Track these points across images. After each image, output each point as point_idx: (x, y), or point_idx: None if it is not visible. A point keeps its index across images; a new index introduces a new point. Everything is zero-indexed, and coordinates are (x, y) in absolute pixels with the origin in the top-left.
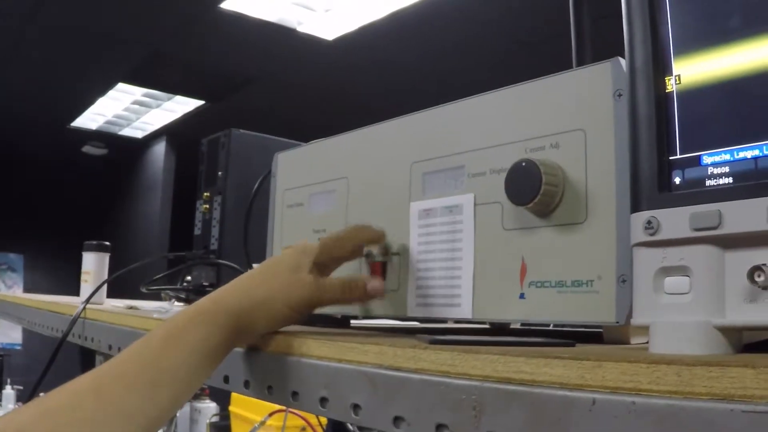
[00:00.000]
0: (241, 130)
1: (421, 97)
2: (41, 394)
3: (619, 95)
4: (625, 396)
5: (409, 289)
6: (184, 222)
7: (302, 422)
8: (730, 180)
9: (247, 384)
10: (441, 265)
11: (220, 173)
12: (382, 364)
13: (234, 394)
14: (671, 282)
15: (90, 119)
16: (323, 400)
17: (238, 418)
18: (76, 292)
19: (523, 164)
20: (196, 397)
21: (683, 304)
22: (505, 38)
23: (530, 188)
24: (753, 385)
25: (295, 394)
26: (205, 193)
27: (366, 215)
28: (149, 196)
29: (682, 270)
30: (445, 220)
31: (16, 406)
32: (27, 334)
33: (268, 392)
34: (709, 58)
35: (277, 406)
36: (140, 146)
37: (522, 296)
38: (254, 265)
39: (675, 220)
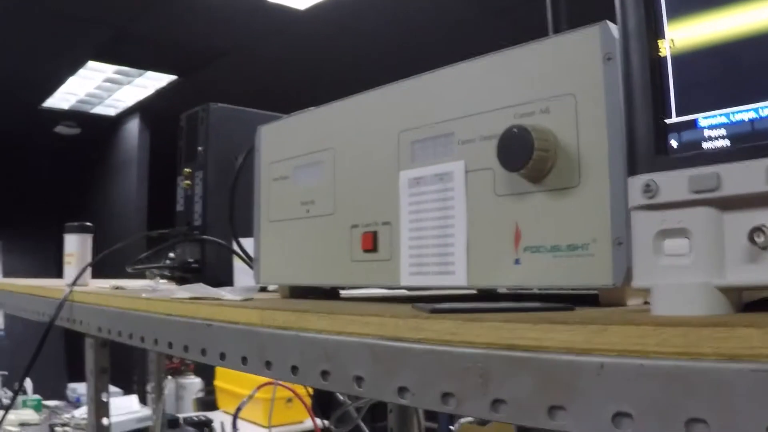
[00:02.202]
0: (219, 104)
1: (394, 65)
2: (27, 378)
3: (609, 59)
4: (632, 359)
5: (402, 258)
6: (162, 198)
7: (289, 393)
8: (728, 142)
9: (244, 360)
10: (433, 233)
11: (200, 148)
12: (384, 335)
13: (219, 369)
14: (671, 244)
15: (62, 99)
16: (325, 374)
17: (224, 392)
18: (54, 274)
19: (515, 130)
20: (181, 373)
21: (683, 266)
22: (479, 5)
23: (522, 154)
24: (759, 344)
25: (294, 368)
26: (186, 169)
27: (354, 186)
28: (125, 173)
29: (681, 232)
30: (436, 188)
31: (2, 392)
32: (9, 319)
33: (266, 368)
34: (702, 22)
35: (264, 379)
36: (114, 124)
37: (517, 262)
38: (240, 240)
39: (673, 183)
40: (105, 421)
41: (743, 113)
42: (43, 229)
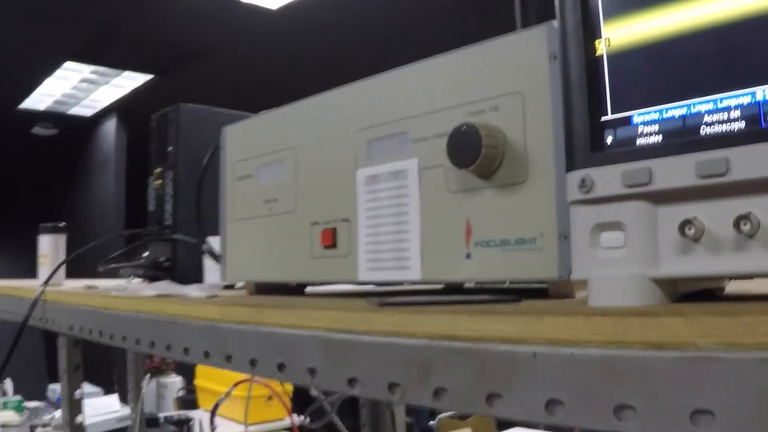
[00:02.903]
0: (190, 104)
1: (369, 61)
2: (7, 379)
3: (555, 58)
4: (564, 348)
5: (360, 253)
6: (139, 198)
7: (268, 391)
8: (660, 138)
9: (206, 354)
10: (389, 229)
11: (170, 148)
12: (335, 328)
13: (199, 368)
14: (606, 237)
15: (38, 100)
16: (281, 366)
17: (204, 391)
18: (33, 275)
19: (464, 128)
20: (162, 372)
21: (619, 258)
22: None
23: (471, 151)
24: (684, 333)
25: (253, 361)
26: (157, 169)
27: (314, 183)
28: (102, 174)
29: (616, 225)
30: (391, 185)
31: None
32: None
33: (227, 361)
34: (636, 21)
35: (242, 376)
36: (90, 124)
37: (468, 256)
38: (208, 239)
39: (608, 178)
40: (79, 418)
41: (675, 110)
42: (19, 230)
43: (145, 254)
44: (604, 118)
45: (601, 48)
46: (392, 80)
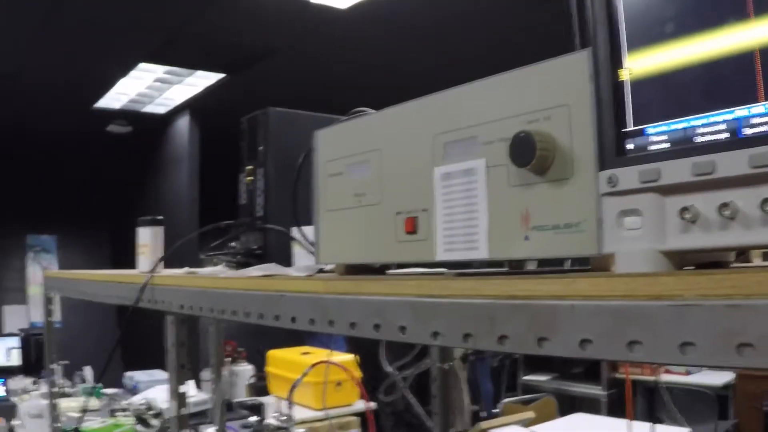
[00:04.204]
0: (277, 108)
1: (435, 60)
2: (87, 367)
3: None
4: (593, 301)
5: (437, 238)
6: (212, 192)
7: (340, 376)
8: (667, 145)
9: (312, 321)
10: (461, 217)
11: (260, 148)
12: (421, 294)
13: (270, 355)
14: (628, 221)
15: (114, 99)
16: (377, 326)
17: (275, 378)
18: (108, 267)
19: (522, 135)
20: (234, 360)
21: (637, 236)
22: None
23: (528, 153)
24: (675, 288)
25: (353, 324)
26: (248, 167)
27: (397, 179)
28: (176, 169)
29: (635, 212)
30: (463, 180)
31: (63, 381)
32: (66, 313)
33: (330, 325)
34: (652, 55)
35: (317, 359)
36: (164, 121)
37: (527, 238)
38: (302, 228)
39: (628, 176)
40: (182, 388)
41: (677, 124)
42: (96, 224)
43: (233, 244)
44: (625, 130)
45: (625, 75)
46: (464, 93)
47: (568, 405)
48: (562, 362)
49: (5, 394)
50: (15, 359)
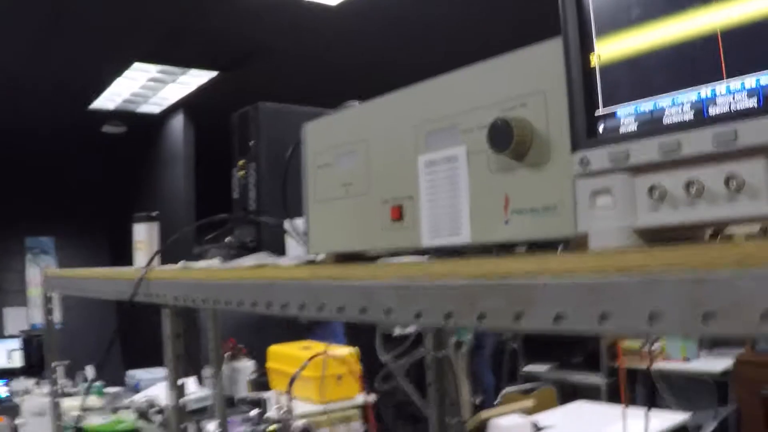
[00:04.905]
0: (268, 103)
1: (425, 54)
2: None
3: None
4: (566, 277)
5: (422, 224)
6: (208, 190)
7: (339, 371)
8: (635, 126)
9: (302, 307)
10: (445, 203)
11: (252, 142)
12: (404, 275)
13: (270, 351)
14: (600, 200)
15: (108, 100)
16: (363, 309)
17: (276, 373)
18: (107, 266)
19: (499, 122)
20: (234, 357)
21: (609, 215)
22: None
23: (506, 139)
24: (642, 262)
25: (341, 308)
26: (240, 161)
27: (384, 169)
28: (172, 168)
29: (607, 191)
30: (445, 167)
31: (65, 380)
32: (66, 315)
33: (319, 310)
34: (619, 40)
35: (314, 352)
36: (158, 121)
37: (507, 222)
38: (292, 220)
39: (599, 157)
40: (180, 381)
41: (645, 105)
42: (94, 225)
43: (227, 239)
44: (596, 113)
45: (595, 60)
46: (444, 83)
47: (569, 394)
48: (562, 352)
49: (8, 394)
50: (16, 361)
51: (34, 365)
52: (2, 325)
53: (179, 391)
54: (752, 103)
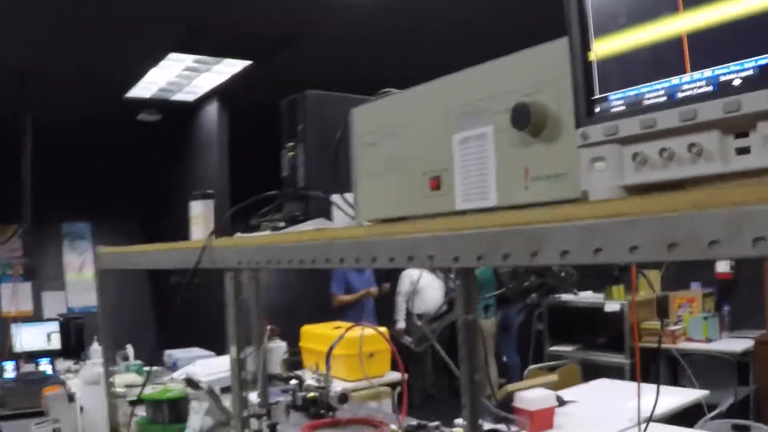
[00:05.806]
0: (314, 91)
1: (452, 43)
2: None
3: None
4: (570, 222)
5: (456, 192)
6: (242, 175)
7: (371, 348)
8: (624, 108)
9: (357, 260)
10: (475, 173)
11: (300, 126)
12: (444, 228)
13: (303, 330)
14: (597, 165)
15: (144, 89)
16: (410, 258)
17: (309, 352)
18: None
19: (519, 105)
20: (268, 337)
21: (603, 177)
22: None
23: (525, 120)
24: (627, 209)
25: (392, 258)
26: (289, 143)
27: (423, 146)
28: (206, 154)
29: (601, 158)
30: (476, 144)
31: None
32: (103, 297)
33: (373, 261)
34: (611, 40)
35: (349, 323)
36: (193, 109)
37: (527, 188)
38: (345, 195)
39: (596, 132)
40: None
41: (630, 92)
42: (129, 210)
43: (277, 215)
44: (593, 97)
45: (592, 56)
46: (473, 74)
47: (593, 373)
48: (587, 332)
49: (54, 371)
50: (55, 343)
51: (72, 347)
52: (41, 308)
53: (240, 359)
54: (709, 89)
